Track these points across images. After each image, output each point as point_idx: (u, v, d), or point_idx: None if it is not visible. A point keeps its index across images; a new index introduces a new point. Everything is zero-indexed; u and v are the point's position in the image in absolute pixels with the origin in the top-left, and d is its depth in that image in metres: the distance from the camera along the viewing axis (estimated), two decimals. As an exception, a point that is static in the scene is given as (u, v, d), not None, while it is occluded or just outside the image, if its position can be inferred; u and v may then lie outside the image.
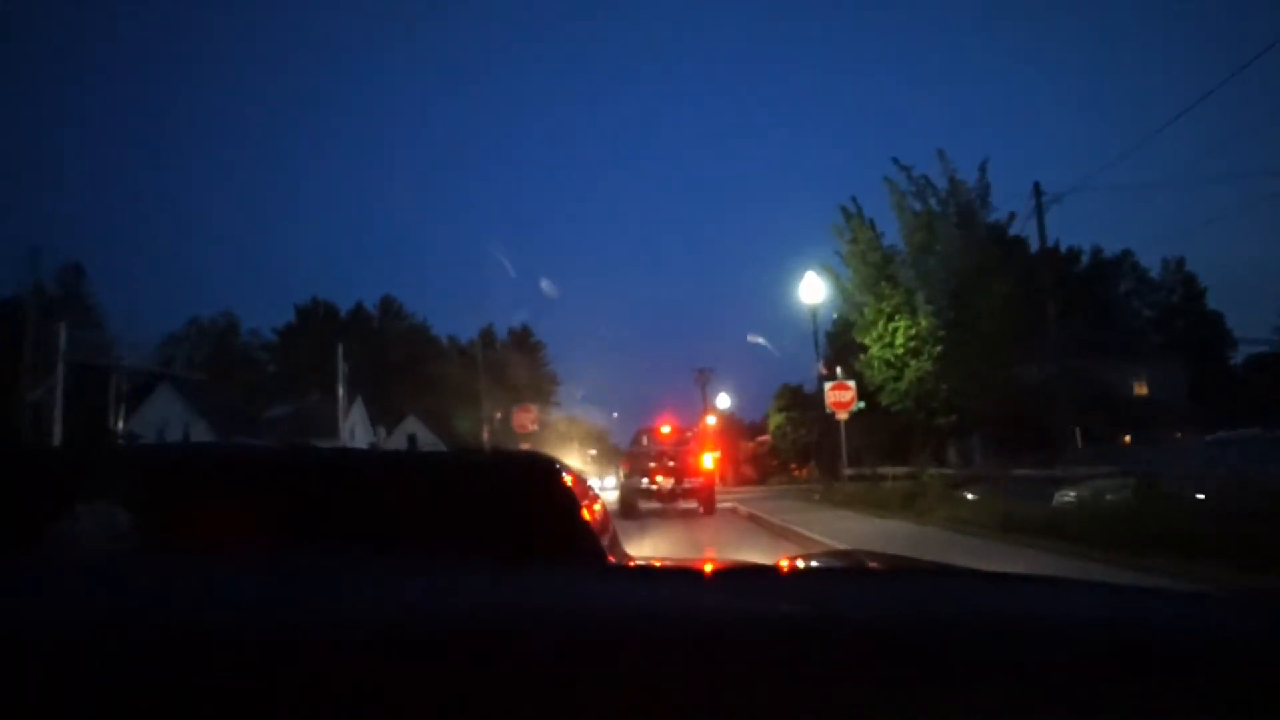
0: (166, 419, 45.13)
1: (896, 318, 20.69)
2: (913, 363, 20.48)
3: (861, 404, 19.48)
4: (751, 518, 16.03)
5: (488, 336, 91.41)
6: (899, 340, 20.60)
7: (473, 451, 4.91)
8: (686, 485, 17.28)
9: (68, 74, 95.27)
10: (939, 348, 20.10)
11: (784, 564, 1.25)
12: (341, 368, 34.89)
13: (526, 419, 23.42)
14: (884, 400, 21.31)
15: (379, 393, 66.56)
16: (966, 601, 0.72)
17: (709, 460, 18.17)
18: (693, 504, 17.48)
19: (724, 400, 50.37)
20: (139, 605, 0.63)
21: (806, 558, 1.70)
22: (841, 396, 18.67)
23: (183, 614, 0.60)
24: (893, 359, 20.78)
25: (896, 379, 20.86)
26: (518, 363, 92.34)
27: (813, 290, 20.21)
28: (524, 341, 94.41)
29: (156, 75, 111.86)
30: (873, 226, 21.70)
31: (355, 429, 52.46)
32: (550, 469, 1.33)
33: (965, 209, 20.93)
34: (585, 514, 1.31)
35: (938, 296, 20.40)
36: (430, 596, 0.67)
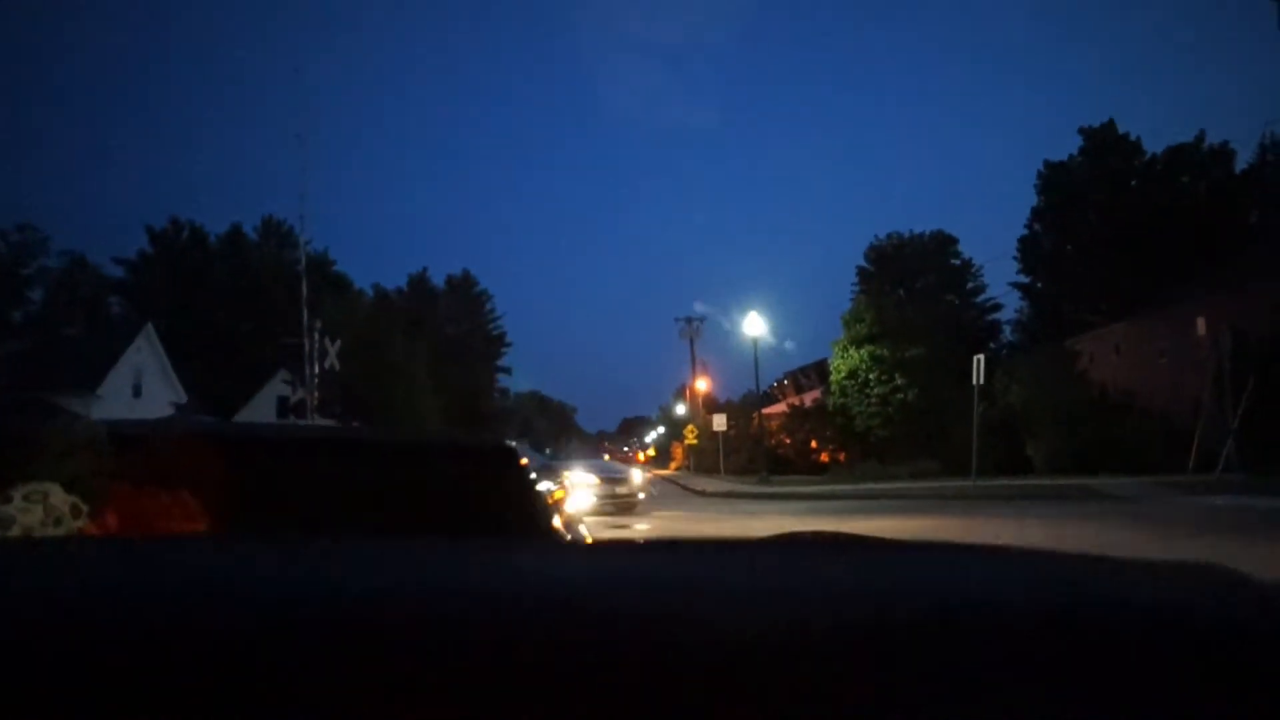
0: None
1: None
2: None
3: None
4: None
5: (419, 282, 73.44)
6: None
7: (435, 434, 5.25)
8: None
9: None
10: None
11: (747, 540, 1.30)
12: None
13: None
14: None
15: (246, 341, 48.71)
16: (913, 577, 0.69)
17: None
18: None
19: (755, 325, 31.15)
20: (83, 591, 0.60)
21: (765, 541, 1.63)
22: None
23: (140, 599, 0.58)
24: None
25: None
26: (457, 315, 74.20)
27: None
28: (465, 291, 76.59)
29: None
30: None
31: (144, 383, 33.66)
32: (509, 453, 1.71)
33: None
34: (541, 497, 1.66)
35: None
36: (386, 573, 0.67)
